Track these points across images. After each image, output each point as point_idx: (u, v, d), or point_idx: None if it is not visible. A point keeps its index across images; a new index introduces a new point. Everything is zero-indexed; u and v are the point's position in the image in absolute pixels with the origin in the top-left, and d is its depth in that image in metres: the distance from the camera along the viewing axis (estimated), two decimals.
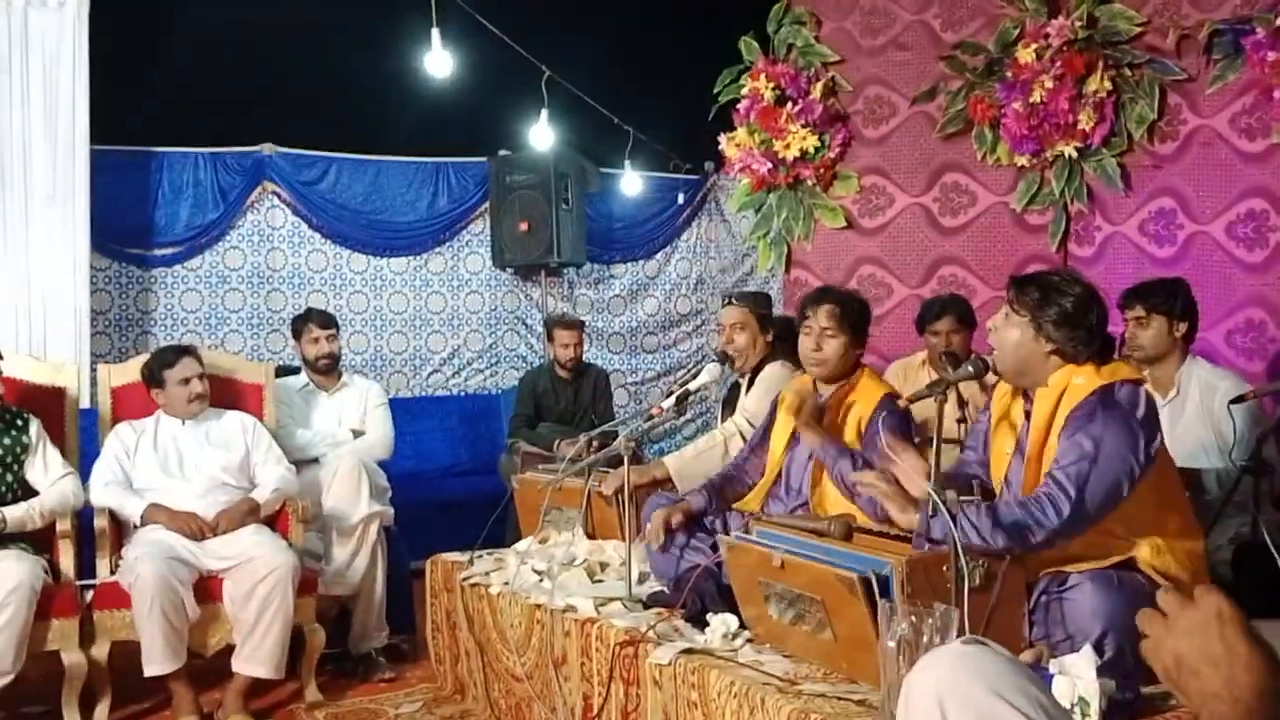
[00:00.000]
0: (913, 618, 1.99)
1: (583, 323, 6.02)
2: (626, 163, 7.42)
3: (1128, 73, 4.49)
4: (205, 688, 3.82)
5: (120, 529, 3.98)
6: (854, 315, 3.31)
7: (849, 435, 3.25)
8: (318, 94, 6.39)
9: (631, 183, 7.50)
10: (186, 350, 4.12)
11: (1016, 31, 4.71)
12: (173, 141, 6.46)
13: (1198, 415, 3.46)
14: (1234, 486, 3.25)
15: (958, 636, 2.00)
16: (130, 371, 4.25)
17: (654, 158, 7.64)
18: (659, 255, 7.80)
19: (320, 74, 6.20)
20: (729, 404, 4.38)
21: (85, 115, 5.66)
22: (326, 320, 4.77)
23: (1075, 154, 4.61)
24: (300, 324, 4.78)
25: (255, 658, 3.68)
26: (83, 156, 5.70)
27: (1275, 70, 3.83)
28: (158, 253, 6.48)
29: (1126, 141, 4.55)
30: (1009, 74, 4.70)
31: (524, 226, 6.84)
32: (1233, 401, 3.36)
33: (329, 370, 4.75)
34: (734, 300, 4.11)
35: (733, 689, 2.43)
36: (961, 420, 4.10)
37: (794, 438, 3.39)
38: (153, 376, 4.05)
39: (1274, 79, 3.85)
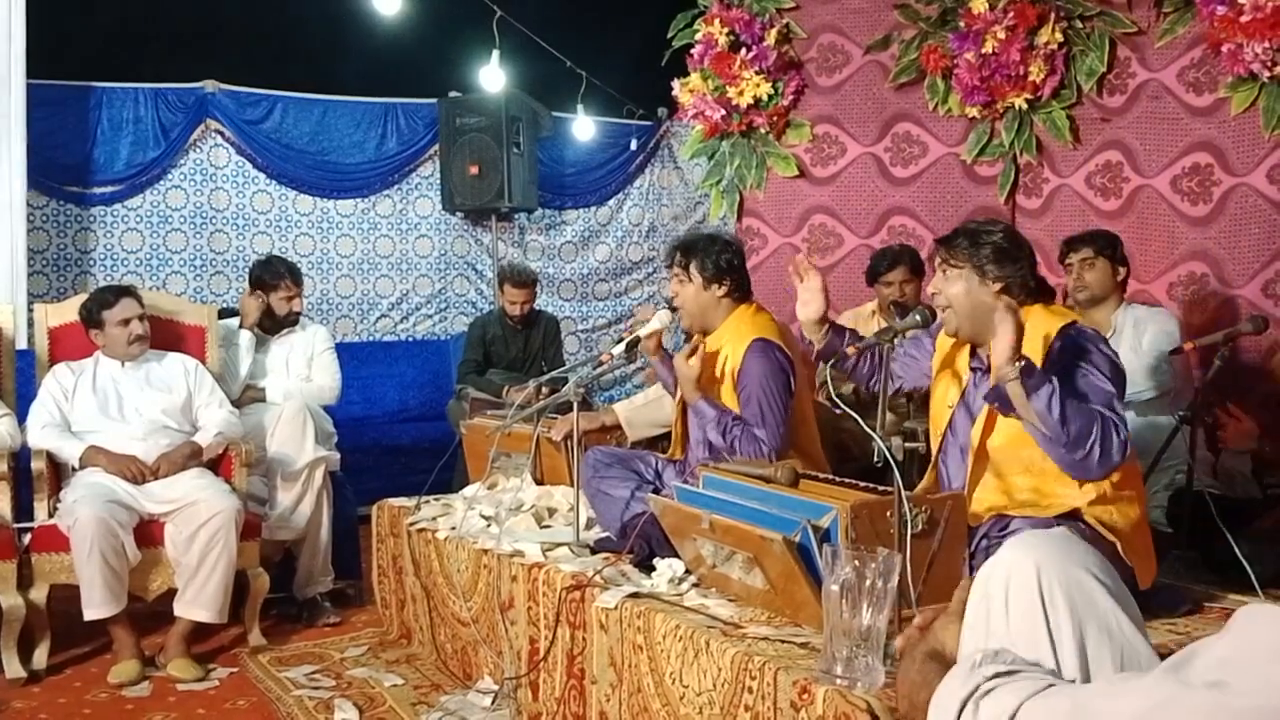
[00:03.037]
0: (856, 562, 2.01)
1: (536, 280, 5.91)
2: (579, 107, 7.35)
3: (1079, 25, 4.50)
4: (147, 632, 3.79)
5: (58, 471, 3.91)
6: (701, 258, 3.28)
7: (723, 386, 3.24)
8: (263, 30, 6.25)
9: (584, 127, 7.43)
10: (126, 290, 4.04)
11: None
12: (112, 76, 6.30)
13: (1131, 349, 3.66)
14: (1171, 436, 3.32)
15: (898, 575, 2.03)
16: (68, 311, 4.16)
17: (607, 102, 7.57)
18: (611, 201, 7.76)
19: (265, 9, 6.06)
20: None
21: (21, 47, 5.50)
22: (299, 277, 4.65)
23: (1025, 106, 4.62)
24: (274, 279, 4.55)
25: (198, 602, 3.65)
26: (19, 90, 5.55)
27: (1224, 24, 3.84)
28: (97, 191, 6.35)
29: (1076, 94, 4.57)
30: (962, 24, 4.69)
31: (474, 170, 6.76)
32: (1172, 353, 3.44)
33: (289, 325, 4.63)
34: None
35: (678, 632, 2.45)
36: None
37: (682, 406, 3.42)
38: (91, 317, 3.97)
39: (1223, 33, 3.87)
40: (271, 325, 4.62)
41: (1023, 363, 2.34)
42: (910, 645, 1.59)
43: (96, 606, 3.52)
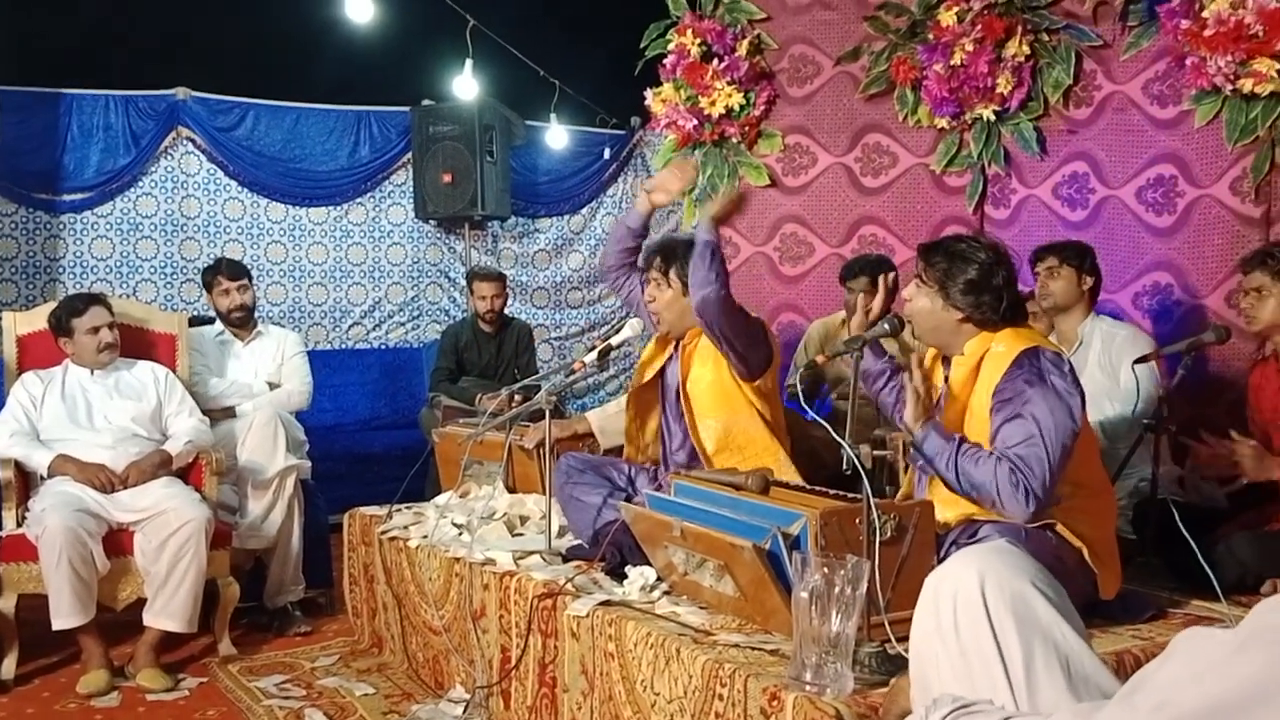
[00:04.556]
0: (825, 569, 2.03)
1: (503, 276, 5.97)
2: (552, 116, 7.37)
3: (1045, 38, 4.55)
4: (116, 641, 3.77)
5: (27, 480, 3.89)
6: (681, 264, 3.30)
7: (706, 358, 3.28)
8: (234, 37, 6.23)
9: (557, 136, 7.45)
10: (96, 298, 4.02)
11: None
12: (83, 83, 6.26)
13: (1098, 364, 3.72)
14: (1136, 443, 3.36)
15: (867, 582, 2.06)
16: (37, 319, 4.13)
17: (580, 111, 7.59)
18: (584, 210, 7.78)
19: (237, 16, 6.04)
20: None
21: None
22: (236, 271, 4.67)
23: (993, 117, 4.67)
24: (210, 276, 4.68)
25: (167, 611, 3.63)
26: None
27: (1188, 38, 3.90)
28: (67, 198, 6.31)
29: (1043, 106, 4.62)
30: (931, 36, 4.73)
31: (447, 178, 6.76)
32: (1136, 361, 3.48)
33: (243, 323, 4.66)
34: None
35: (649, 640, 2.47)
36: None
37: (663, 392, 3.45)
38: (60, 325, 3.94)
39: (1186, 46, 3.92)
40: (236, 330, 4.66)
41: (922, 432, 2.52)
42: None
43: (65, 616, 3.49)
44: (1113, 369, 3.70)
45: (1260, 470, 3.03)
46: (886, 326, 2.78)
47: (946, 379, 2.72)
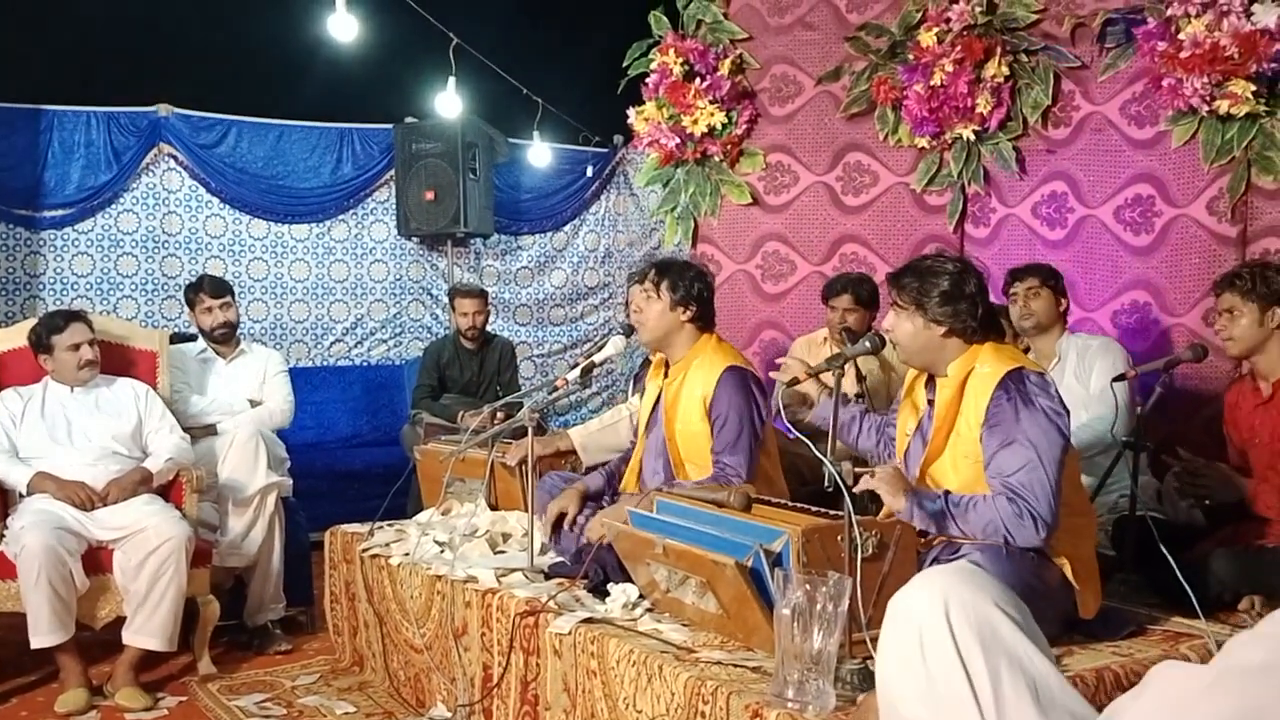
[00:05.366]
0: (807, 586, 2.04)
1: (485, 292, 5.97)
2: (535, 134, 7.39)
3: (1024, 59, 4.60)
4: (94, 660, 3.74)
5: (5, 498, 3.86)
6: (674, 279, 3.32)
7: (692, 410, 3.27)
8: (217, 54, 6.24)
9: (540, 154, 7.48)
10: (76, 315, 4.00)
11: (919, 15, 4.78)
12: (64, 99, 6.25)
13: (1074, 374, 3.79)
14: (1114, 461, 3.39)
15: (849, 599, 2.07)
16: (17, 336, 4.11)
17: (563, 129, 7.62)
18: (567, 227, 7.79)
19: (220, 33, 6.05)
20: (640, 378, 4.41)
21: None
22: (219, 288, 4.66)
23: (973, 137, 4.71)
24: (192, 293, 4.67)
25: (146, 629, 3.61)
26: None
27: (1164, 59, 3.94)
28: (47, 214, 6.29)
29: (1022, 126, 4.66)
30: (911, 56, 4.77)
31: (430, 195, 6.77)
32: (1115, 380, 3.52)
33: (226, 339, 4.66)
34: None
35: (631, 657, 2.47)
36: (860, 395, 4.20)
37: (650, 423, 3.43)
38: (40, 342, 3.92)
39: (1163, 68, 3.97)
40: (219, 347, 4.66)
41: (908, 505, 2.48)
42: None
43: (43, 635, 3.47)
44: (1085, 375, 3.77)
45: (1229, 492, 3.15)
46: (868, 344, 2.80)
47: (930, 401, 2.74)
